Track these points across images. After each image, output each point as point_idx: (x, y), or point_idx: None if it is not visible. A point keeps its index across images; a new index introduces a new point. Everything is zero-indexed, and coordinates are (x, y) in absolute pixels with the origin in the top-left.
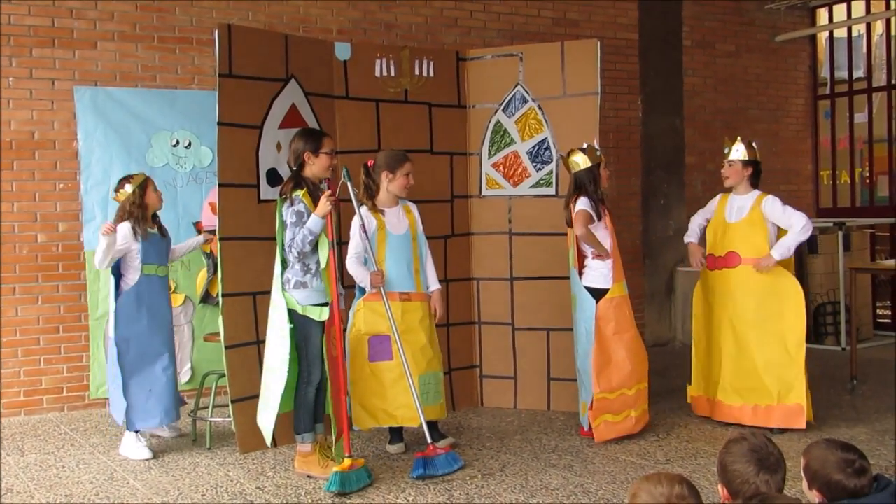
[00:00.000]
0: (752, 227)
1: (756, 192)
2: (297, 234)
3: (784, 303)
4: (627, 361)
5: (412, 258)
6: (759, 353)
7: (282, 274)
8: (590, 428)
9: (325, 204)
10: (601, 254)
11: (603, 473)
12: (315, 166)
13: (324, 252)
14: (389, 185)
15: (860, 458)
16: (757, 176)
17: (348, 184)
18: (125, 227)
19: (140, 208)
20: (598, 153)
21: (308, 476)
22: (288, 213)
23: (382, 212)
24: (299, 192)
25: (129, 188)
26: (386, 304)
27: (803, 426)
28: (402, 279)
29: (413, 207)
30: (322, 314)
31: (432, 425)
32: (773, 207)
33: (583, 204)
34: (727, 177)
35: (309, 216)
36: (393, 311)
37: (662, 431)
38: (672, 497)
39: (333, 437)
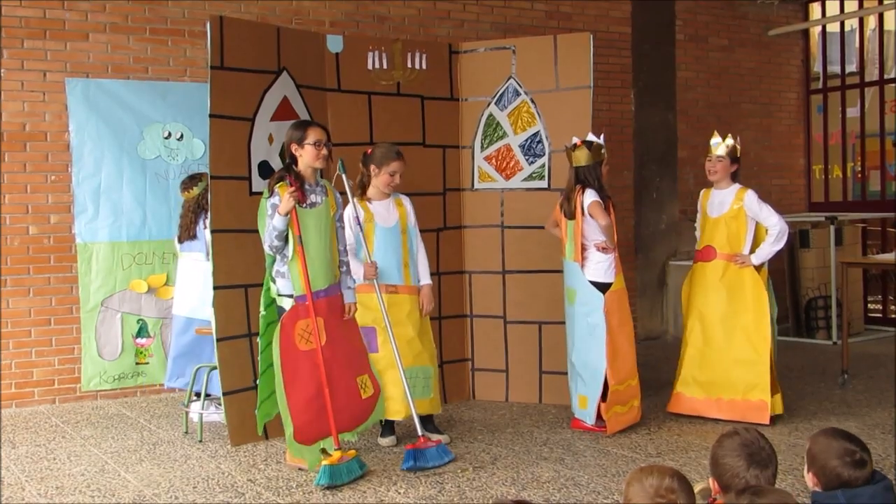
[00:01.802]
0: (731, 223)
1: (736, 187)
2: (267, 228)
3: (751, 300)
4: (630, 353)
5: (401, 251)
6: (728, 347)
7: (271, 264)
8: (596, 421)
9: (286, 201)
10: (608, 247)
11: (594, 466)
12: (303, 158)
13: (288, 246)
14: (375, 179)
15: (862, 451)
16: (737, 172)
17: (343, 176)
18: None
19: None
20: (603, 150)
21: (299, 469)
22: (267, 206)
23: (370, 200)
24: (277, 186)
25: (202, 185)
26: (379, 296)
27: (766, 422)
28: (389, 272)
29: (405, 200)
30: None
31: (427, 420)
32: (752, 202)
33: (593, 196)
34: (715, 171)
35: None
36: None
37: (654, 425)
38: (661, 489)
39: (288, 432)
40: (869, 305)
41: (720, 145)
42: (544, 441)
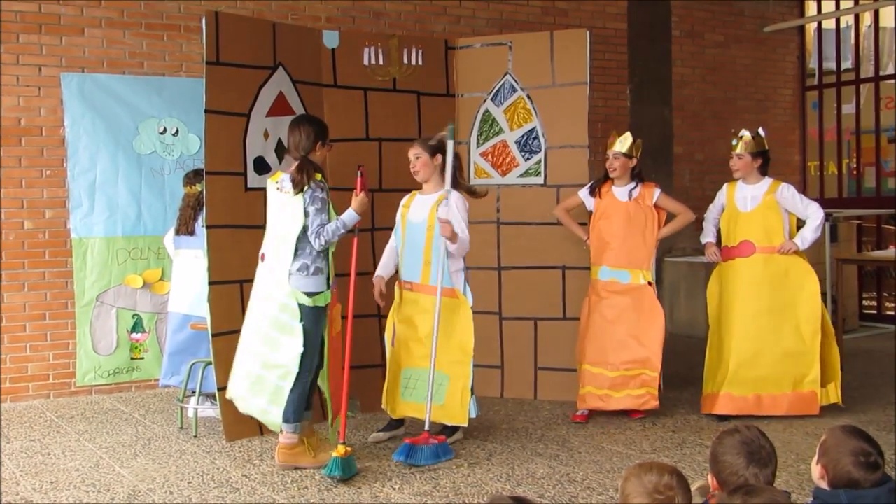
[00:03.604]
0: (766, 216)
1: (768, 180)
2: (328, 224)
3: (799, 291)
4: (602, 342)
5: (424, 248)
6: (775, 342)
7: (291, 263)
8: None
9: (364, 201)
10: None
11: (589, 462)
12: (320, 155)
13: None
14: None
15: (878, 454)
16: (766, 164)
17: (450, 143)
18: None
19: None
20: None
21: (295, 468)
22: (311, 200)
23: (417, 192)
24: (319, 176)
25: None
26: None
27: (816, 412)
28: (409, 268)
29: (452, 198)
30: (327, 298)
31: (449, 431)
32: (789, 196)
33: (580, 190)
34: (737, 169)
35: (330, 203)
36: (395, 299)
37: (648, 421)
38: (659, 485)
39: (330, 418)
40: (864, 302)
41: (739, 143)
42: (539, 437)
